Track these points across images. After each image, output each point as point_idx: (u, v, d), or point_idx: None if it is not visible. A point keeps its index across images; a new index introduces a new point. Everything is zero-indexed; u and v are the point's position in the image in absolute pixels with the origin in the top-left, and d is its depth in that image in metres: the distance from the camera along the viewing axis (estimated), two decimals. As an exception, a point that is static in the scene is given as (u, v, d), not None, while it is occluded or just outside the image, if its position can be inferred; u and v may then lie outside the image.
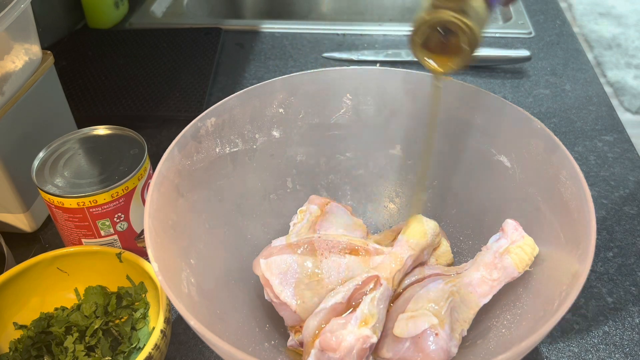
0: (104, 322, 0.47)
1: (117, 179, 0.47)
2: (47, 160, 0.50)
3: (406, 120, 0.53)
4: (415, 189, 0.54)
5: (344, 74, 0.52)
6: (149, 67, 0.82)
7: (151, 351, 0.40)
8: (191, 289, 0.39)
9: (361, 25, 0.94)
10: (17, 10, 0.49)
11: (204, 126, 0.46)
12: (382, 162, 0.55)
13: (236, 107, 0.49)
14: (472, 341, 0.43)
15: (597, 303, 0.51)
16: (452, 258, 0.49)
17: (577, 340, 0.48)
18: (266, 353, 0.43)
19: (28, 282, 0.47)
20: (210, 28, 0.91)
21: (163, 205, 0.41)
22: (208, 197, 0.47)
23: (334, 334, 0.37)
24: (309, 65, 0.84)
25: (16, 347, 0.45)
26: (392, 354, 0.40)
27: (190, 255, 0.42)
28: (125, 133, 0.52)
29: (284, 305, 0.42)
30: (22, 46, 0.52)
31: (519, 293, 0.43)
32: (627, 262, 0.54)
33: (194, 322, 0.33)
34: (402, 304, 0.42)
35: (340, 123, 0.54)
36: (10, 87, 0.52)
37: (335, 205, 0.50)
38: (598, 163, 0.66)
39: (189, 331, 0.49)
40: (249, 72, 0.83)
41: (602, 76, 2.24)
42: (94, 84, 0.79)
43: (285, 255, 0.43)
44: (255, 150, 0.51)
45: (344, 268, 0.43)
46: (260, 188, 0.52)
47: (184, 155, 0.45)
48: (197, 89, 0.77)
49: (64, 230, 0.49)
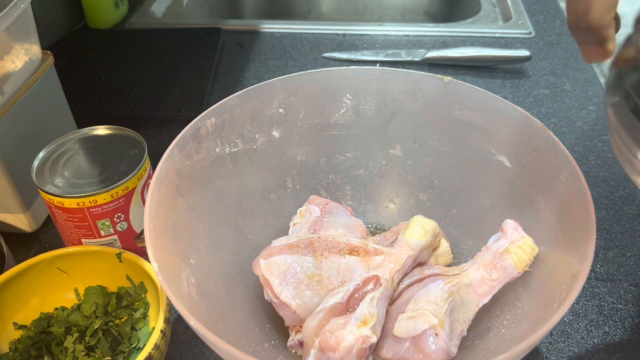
0: (104, 322, 0.47)
1: (117, 179, 0.47)
2: (47, 160, 0.50)
3: (406, 120, 0.53)
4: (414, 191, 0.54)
5: (344, 74, 0.52)
6: (149, 67, 0.82)
7: (151, 351, 0.40)
8: (191, 289, 0.39)
9: (361, 25, 0.94)
10: (17, 10, 0.49)
11: (204, 126, 0.46)
12: (382, 162, 0.55)
13: (236, 107, 0.49)
14: (472, 341, 0.43)
15: (597, 303, 0.51)
16: (451, 258, 0.49)
17: (577, 340, 0.48)
18: (266, 353, 0.43)
19: (28, 282, 0.47)
20: (210, 28, 0.91)
21: (163, 205, 0.41)
22: (208, 197, 0.47)
23: (334, 334, 0.37)
24: (309, 65, 0.84)
25: (16, 347, 0.45)
26: (392, 354, 0.40)
27: (190, 255, 0.42)
28: (125, 133, 0.52)
29: (284, 305, 0.42)
30: (22, 46, 0.52)
31: (519, 293, 0.43)
32: (627, 262, 0.54)
33: (194, 322, 0.33)
34: (402, 304, 0.42)
35: (340, 123, 0.54)
36: (10, 87, 0.52)
37: (335, 206, 0.50)
38: (598, 163, 0.66)
39: (189, 331, 0.49)
40: (249, 72, 0.83)
41: (602, 76, 2.24)
42: (94, 84, 0.79)
43: (285, 256, 0.43)
44: (255, 150, 0.51)
45: (344, 268, 0.43)
46: (260, 188, 0.52)
47: (184, 155, 0.45)
48: (197, 89, 0.77)
49: (64, 230, 0.49)
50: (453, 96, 0.50)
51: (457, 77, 0.52)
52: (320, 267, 0.43)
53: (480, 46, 0.84)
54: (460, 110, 0.50)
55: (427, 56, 0.83)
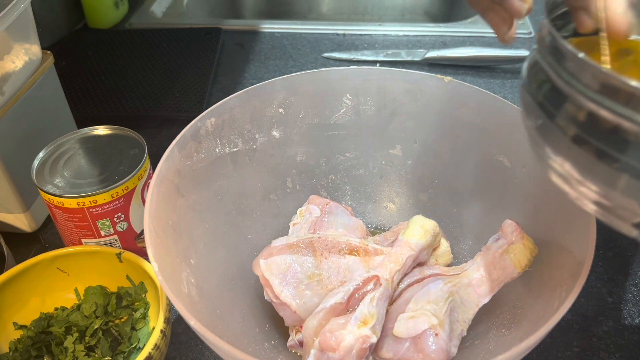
0: (104, 322, 0.47)
1: (117, 179, 0.47)
2: (47, 160, 0.50)
3: (406, 120, 0.53)
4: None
5: (344, 74, 0.52)
6: (149, 67, 0.82)
7: (151, 351, 0.40)
8: (191, 289, 0.39)
9: (361, 25, 0.94)
10: (17, 10, 0.49)
11: (204, 126, 0.46)
12: (382, 162, 0.55)
13: (236, 107, 0.49)
14: (472, 341, 0.43)
15: (597, 303, 0.51)
16: (451, 258, 0.49)
17: (577, 340, 0.48)
18: (266, 353, 0.43)
19: (28, 282, 0.47)
20: (210, 28, 0.91)
21: (163, 205, 0.41)
22: (208, 197, 0.47)
23: (334, 334, 0.37)
24: (309, 65, 0.84)
25: (16, 347, 0.45)
26: (392, 354, 0.40)
27: (190, 255, 0.42)
28: (125, 133, 0.52)
29: (284, 305, 0.42)
30: (22, 46, 0.52)
31: (519, 293, 0.43)
32: (627, 262, 0.54)
33: (194, 322, 0.33)
34: (402, 304, 0.42)
35: (340, 123, 0.54)
36: (10, 87, 0.52)
37: (335, 206, 0.50)
38: (598, 163, 0.66)
39: (189, 331, 0.49)
40: (249, 72, 0.83)
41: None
42: (94, 84, 0.79)
43: (285, 256, 0.43)
44: (255, 150, 0.51)
45: (344, 268, 0.43)
46: (260, 188, 0.52)
47: (184, 155, 0.45)
48: (197, 89, 0.77)
49: (64, 230, 0.49)
50: (453, 96, 0.50)
51: (457, 77, 0.52)
52: (320, 267, 0.43)
53: (480, 46, 0.84)
54: (460, 110, 0.50)
55: (427, 56, 0.83)
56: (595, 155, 0.27)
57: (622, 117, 0.26)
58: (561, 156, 0.29)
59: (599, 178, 0.28)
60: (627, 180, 0.27)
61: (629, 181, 0.27)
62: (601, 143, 0.27)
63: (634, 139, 0.26)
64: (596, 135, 0.27)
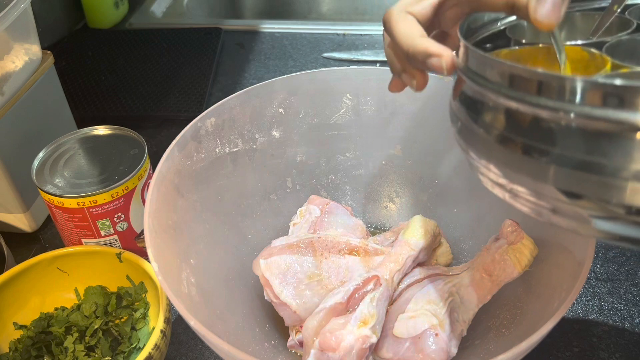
0: (104, 322, 0.47)
1: (117, 179, 0.47)
2: (47, 160, 0.50)
3: (406, 120, 0.53)
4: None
5: (344, 74, 0.52)
6: (149, 67, 0.82)
7: (151, 351, 0.40)
8: (191, 289, 0.39)
9: (361, 25, 0.94)
10: (17, 10, 0.49)
11: (204, 126, 0.46)
12: (382, 162, 0.55)
13: (236, 107, 0.49)
14: (472, 341, 0.43)
15: (597, 303, 0.51)
16: (451, 258, 0.49)
17: (577, 340, 0.48)
18: (266, 353, 0.43)
19: (28, 282, 0.47)
20: (210, 28, 0.91)
21: (163, 205, 0.41)
22: (208, 197, 0.47)
23: (334, 334, 0.37)
24: (309, 65, 0.84)
25: (16, 347, 0.45)
26: (392, 354, 0.40)
27: (190, 255, 0.42)
28: (125, 133, 0.52)
29: (283, 305, 0.42)
30: (22, 46, 0.52)
31: (519, 293, 0.43)
32: (627, 262, 0.54)
33: (194, 322, 0.33)
34: (402, 304, 0.42)
35: (340, 123, 0.54)
36: (10, 87, 0.52)
37: (335, 206, 0.50)
38: (598, 163, 0.66)
39: (189, 331, 0.49)
40: (249, 72, 0.83)
41: (602, 76, 2.24)
42: (94, 84, 0.79)
43: (285, 256, 0.43)
44: (255, 150, 0.51)
45: (344, 268, 0.43)
46: (260, 188, 0.52)
47: (184, 155, 0.45)
48: (197, 89, 0.77)
49: (64, 230, 0.49)
50: (453, 96, 0.50)
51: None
52: (320, 267, 0.43)
53: (480, 46, 0.84)
54: (460, 110, 0.50)
55: (427, 56, 0.83)
56: (521, 151, 0.26)
57: (535, 107, 0.25)
58: (484, 158, 0.29)
59: (526, 174, 0.27)
60: (556, 170, 0.25)
61: (558, 171, 0.25)
62: (521, 137, 0.26)
63: (554, 126, 0.25)
64: (515, 130, 0.26)
